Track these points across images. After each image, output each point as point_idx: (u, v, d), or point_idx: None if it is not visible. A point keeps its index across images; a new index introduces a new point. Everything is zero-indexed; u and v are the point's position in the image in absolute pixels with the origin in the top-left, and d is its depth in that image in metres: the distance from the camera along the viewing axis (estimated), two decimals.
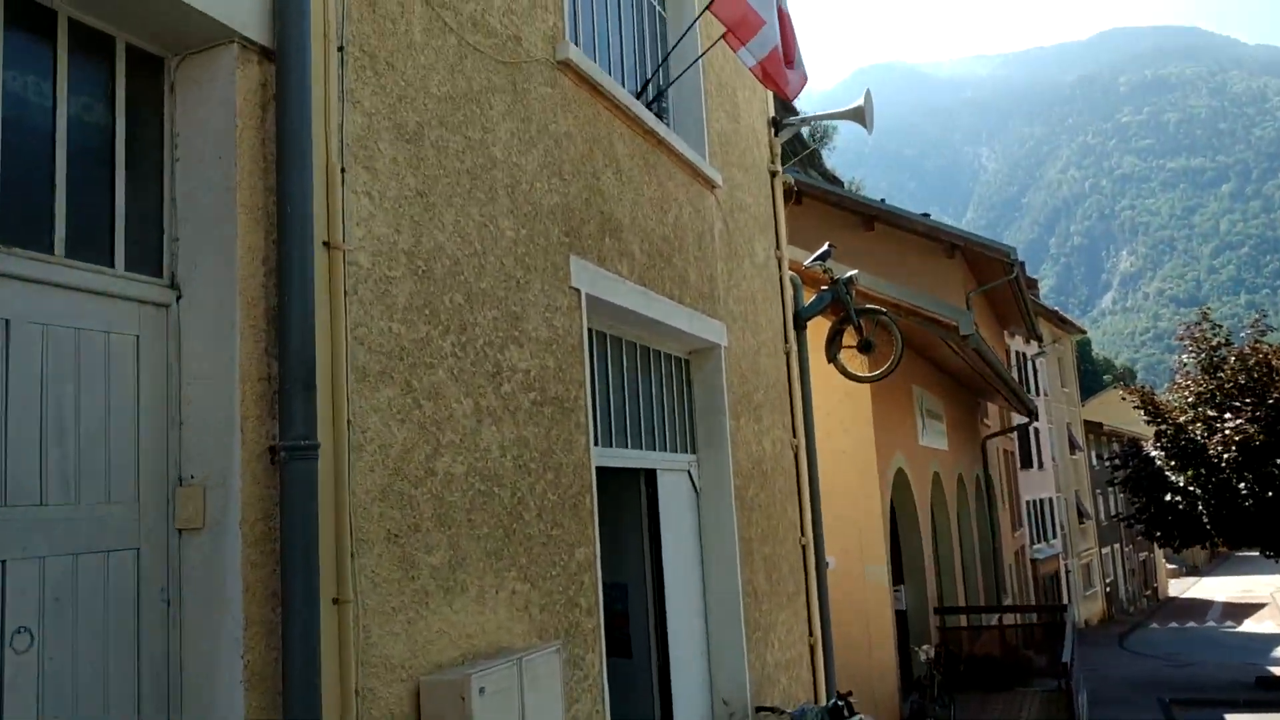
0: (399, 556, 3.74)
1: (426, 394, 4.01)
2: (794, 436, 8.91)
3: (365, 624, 3.54)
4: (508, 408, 4.56)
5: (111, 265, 3.07)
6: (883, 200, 25.54)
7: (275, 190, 3.30)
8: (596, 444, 5.83)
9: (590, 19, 6.49)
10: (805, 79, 6.53)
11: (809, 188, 24.04)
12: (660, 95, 7.15)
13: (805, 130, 45.65)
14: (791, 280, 9.40)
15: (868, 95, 9.07)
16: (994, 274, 23.59)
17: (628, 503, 6.64)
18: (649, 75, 7.08)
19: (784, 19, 6.18)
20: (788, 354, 9.00)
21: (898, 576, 14.50)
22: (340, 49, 3.72)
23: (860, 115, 9.05)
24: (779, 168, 9.29)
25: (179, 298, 3.22)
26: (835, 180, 40.29)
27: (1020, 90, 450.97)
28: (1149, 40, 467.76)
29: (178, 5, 3.10)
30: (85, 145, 3.07)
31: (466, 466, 4.20)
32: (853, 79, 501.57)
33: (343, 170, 3.65)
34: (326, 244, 3.52)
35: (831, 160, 50.94)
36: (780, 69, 6.29)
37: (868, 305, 9.89)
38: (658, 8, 7.63)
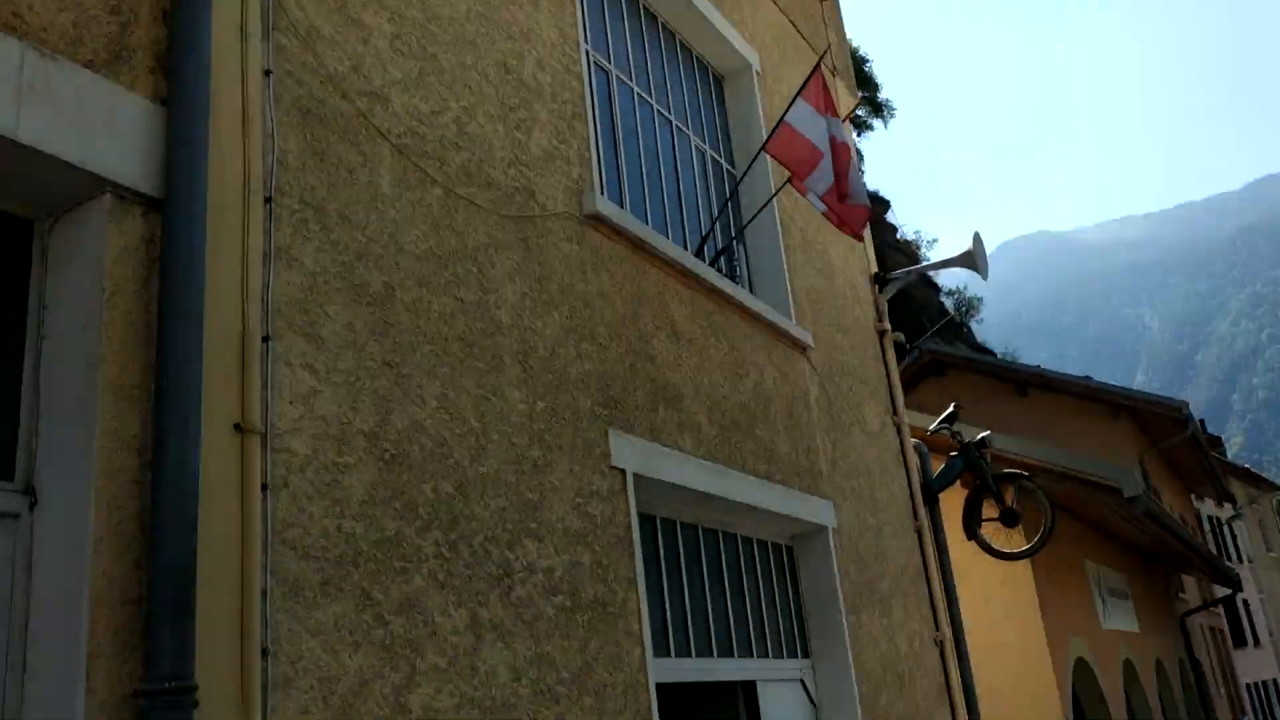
0: None
1: (396, 607, 3.21)
2: (936, 629, 7.67)
3: None
4: (521, 618, 3.71)
5: None
6: (1038, 366, 24.07)
7: (154, 365, 2.67)
8: (667, 654, 4.88)
9: (639, 175, 5.93)
10: (868, 211, 5.77)
11: (952, 358, 22.88)
12: (728, 253, 6.48)
13: (950, 303, 44.64)
14: (916, 448, 8.37)
15: (977, 238, 8.23)
16: (1168, 433, 21.61)
17: None
18: (715, 233, 6.44)
19: (837, 147, 5.48)
20: (919, 532, 7.88)
21: None
22: (268, 200, 3.15)
23: (971, 261, 8.19)
24: (888, 326, 8.41)
25: (33, 505, 2.56)
26: (985, 351, 38.75)
27: (1177, 247, 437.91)
28: None
29: (34, 155, 2.57)
30: None
31: (458, 698, 3.34)
32: (998, 252, 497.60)
33: (266, 339, 3.01)
34: (239, 427, 2.85)
35: (982, 334, 49.39)
36: (837, 203, 5.56)
37: (1006, 470, 8.71)
38: (724, 164, 7.06)
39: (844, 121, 6.36)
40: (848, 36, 10.11)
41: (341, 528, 3.11)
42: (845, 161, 5.44)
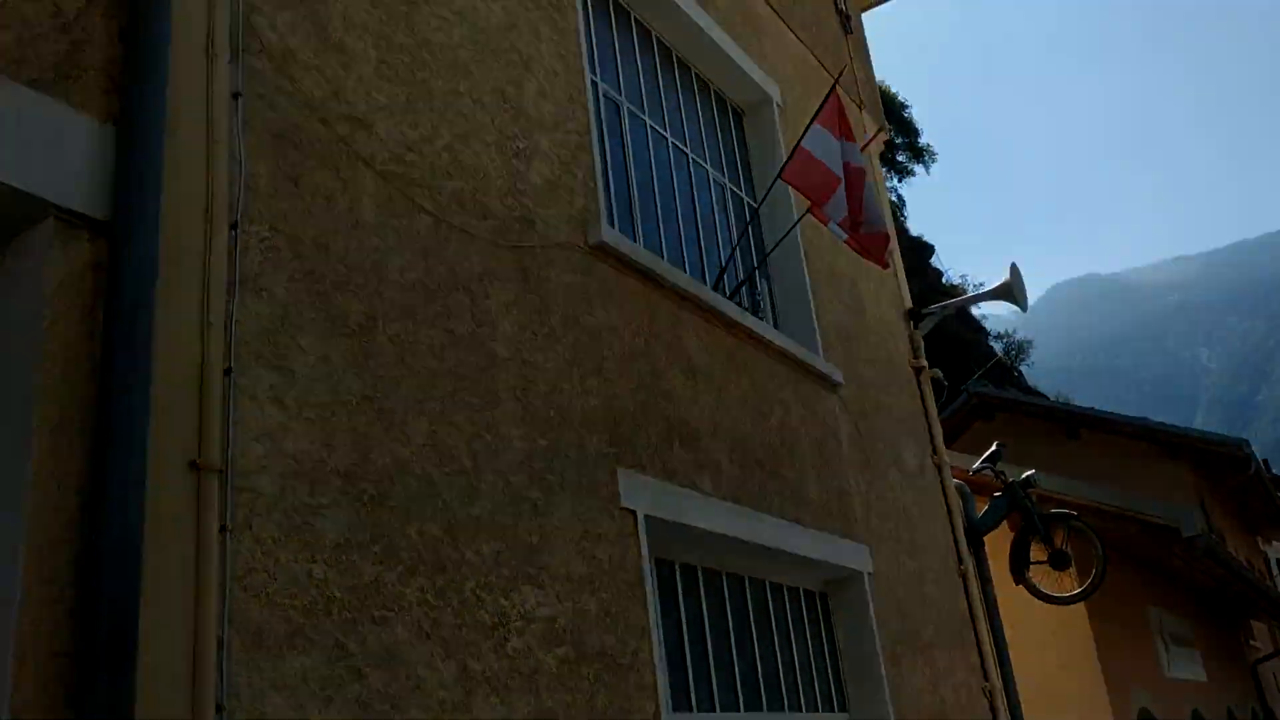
0: None
1: (374, 658, 2.98)
2: (985, 679, 7.26)
3: None
4: (518, 670, 3.46)
5: None
6: (1092, 409, 23.42)
7: (96, 398, 2.49)
8: (688, 709, 4.58)
9: (653, 208, 5.74)
10: (887, 238, 5.52)
11: (1001, 400, 22.34)
12: (750, 286, 6.25)
13: (999, 346, 43.94)
14: (959, 489, 8.01)
15: (1014, 269, 7.94)
16: (1229, 474, 20.84)
17: None
18: (737, 266, 6.22)
19: (850, 172, 5.26)
20: (963, 576, 7.50)
21: None
22: (233, 226, 2.99)
23: (1009, 292, 7.89)
24: (924, 362, 8.11)
25: None
26: (1037, 395, 37.96)
27: (1233, 286, 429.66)
28: None
29: None
30: None
31: None
32: (1048, 295, 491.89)
33: (228, 372, 2.82)
34: (195, 465, 2.65)
35: (1033, 378, 48.51)
36: (853, 230, 5.32)
37: (1054, 510, 8.32)
38: (745, 198, 6.86)
39: (863, 149, 6.14)
40: (887, 82, 9.98)
41: (312, 573, 2.89)
42: (859, 187, 5.22)
